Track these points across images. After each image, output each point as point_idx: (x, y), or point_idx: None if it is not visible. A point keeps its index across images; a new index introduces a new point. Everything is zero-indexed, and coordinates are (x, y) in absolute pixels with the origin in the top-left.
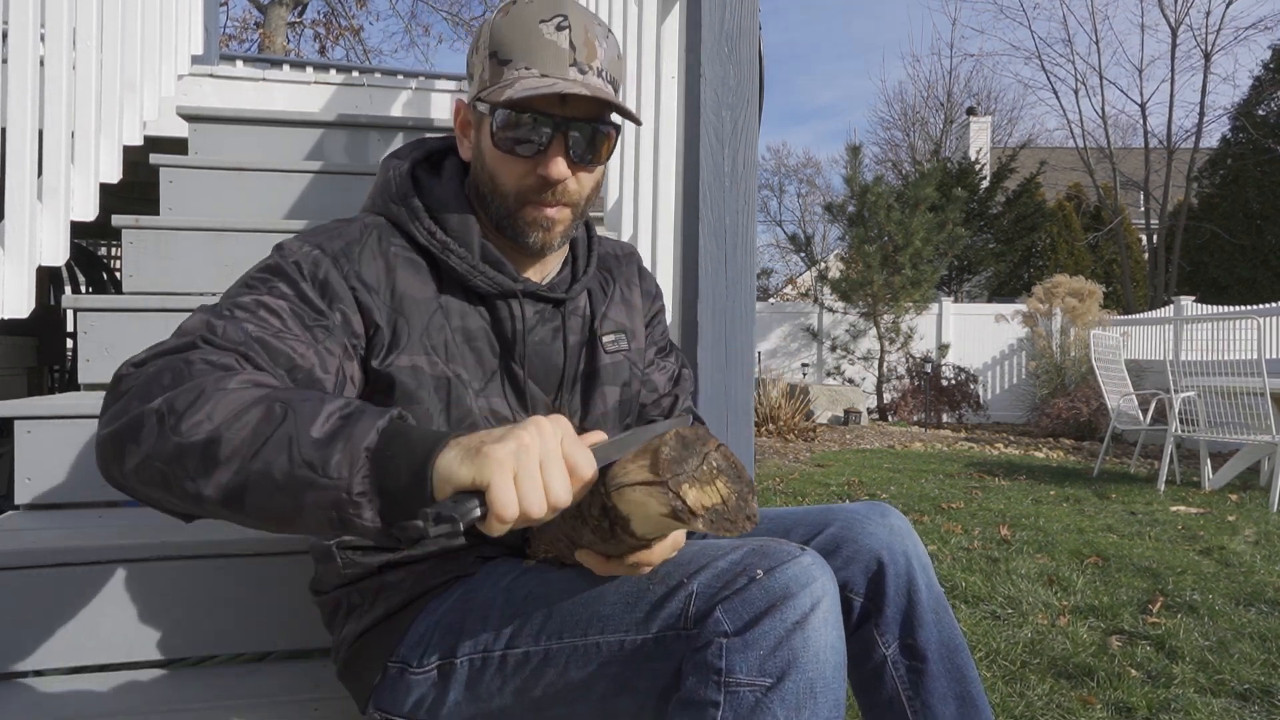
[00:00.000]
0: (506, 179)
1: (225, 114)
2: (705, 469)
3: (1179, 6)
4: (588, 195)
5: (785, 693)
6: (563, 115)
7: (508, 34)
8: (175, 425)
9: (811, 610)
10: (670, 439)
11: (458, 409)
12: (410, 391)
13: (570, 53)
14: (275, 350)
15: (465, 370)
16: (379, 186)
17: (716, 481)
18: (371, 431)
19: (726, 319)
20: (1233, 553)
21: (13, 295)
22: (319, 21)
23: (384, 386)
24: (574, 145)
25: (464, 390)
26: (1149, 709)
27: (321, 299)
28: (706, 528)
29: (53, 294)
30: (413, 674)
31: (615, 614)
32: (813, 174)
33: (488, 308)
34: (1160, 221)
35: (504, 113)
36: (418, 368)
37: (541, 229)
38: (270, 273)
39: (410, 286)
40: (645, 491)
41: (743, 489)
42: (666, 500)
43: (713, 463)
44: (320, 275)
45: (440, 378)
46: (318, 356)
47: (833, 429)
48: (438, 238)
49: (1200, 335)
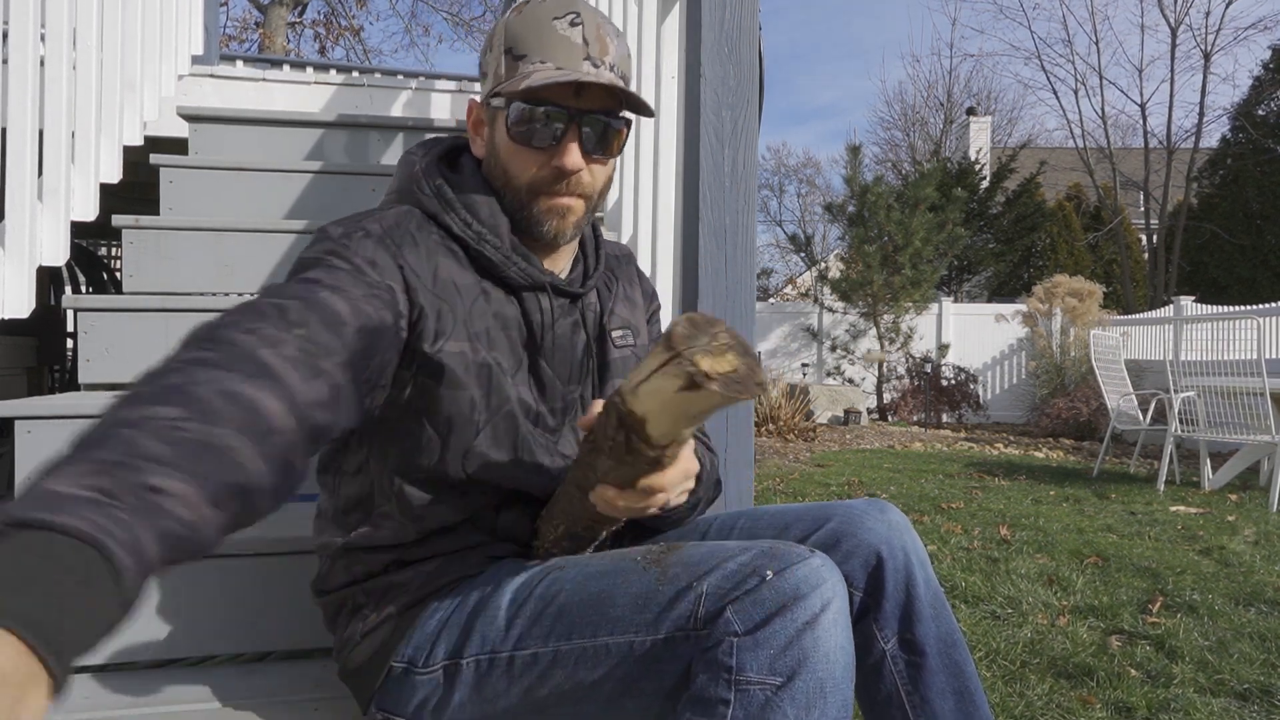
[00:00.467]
0: (520, 172)
1: (225, 114)
2: (716, 344)
3: (1179, 6)
4: (600, 188)
5: (795, 692)
6: (577, 107)
7: (522, 31)
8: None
9: (822, 611)
10: (682, 320)
11: (497, 395)
12: (458, 378)
13: (584, 47)
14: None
15: (503, 358)
16: (404, 180)
17: (728, 354)
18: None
19: (727, 319)
20: (1232, 553)
21: (13, 295)
22: (319, 21)
23: (433, 372)
24: (587, 137)
25: (503, 377)
26: (1149, 709)
27: (373, 272)
28: (721, 390)
29: (53, 294)
30: (418, 674)
31: (625, 615)
32: (813, 174)
33: (517, 299)
34: (1160, 221)
35: (519, 106)
36: (463, 353)
37: (557, 217)
38: (323, 251)
39: (452, 273)
40: (661, 375)
41: (751, 362)
42: (682, 370)
43: (722, 339)
44: (368, 254)
45: (482, 364)
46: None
47: (833, 429)
48: (473, 228)
49: (1200, 335)
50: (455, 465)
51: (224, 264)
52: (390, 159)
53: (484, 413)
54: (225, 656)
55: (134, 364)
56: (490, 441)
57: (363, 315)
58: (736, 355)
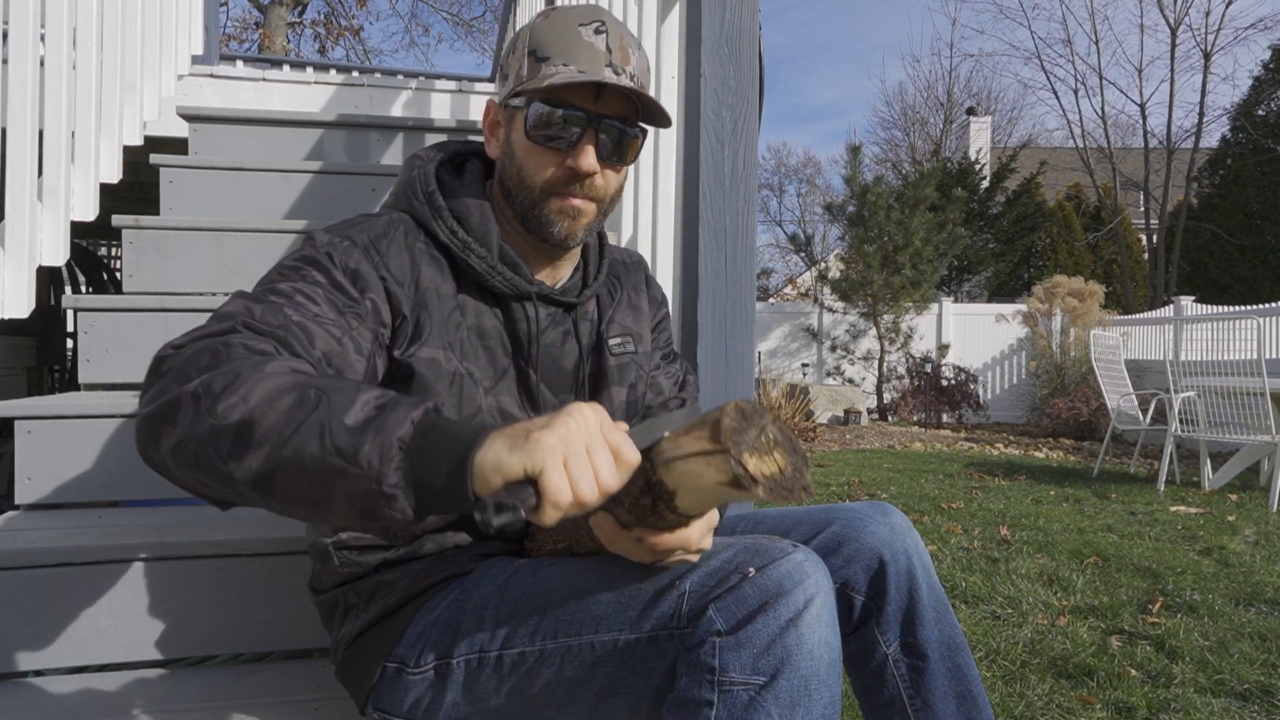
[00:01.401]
0: (535, 172)
1: (225, 114)
2: (764, 440)
3: (1178, 7)
4: (612, 195)
5: (779, 691)
6: (596, 111)
7: (548, 34)
8: (210, 407)
9: (805, 607)
10: (730, 410)
11: (468, 406)
12: (428, 384)
13: (606, 54)
14: (312, 334)
15: (477, 369)
16: (403, 184)
17: (775, 452)
18: (405, 423)
19: (727, 319)
20: (1232, 553)
21: (13, 295)
22: (319, 21)
23: (403, 376)
24: (604, 143)
25: (474, 388)
26: (1149, 709)
27: (353, 286)
28: (766, 495)
29: (53, 294)
30: (410, 674)
31: (609, 613)
32: (813, 174)
33: (502, 309)
34: (1160, 221)
35: (539, 108)
36: (436, 361)
37: (568, 218)
38: (304, 261)
39: (433, 282)
40: (702, 462)
41: (798, 461)
42: (728, 468)
43: (770, 434)
44: (352, 265)
45: (454, 374)
46: (352, 342)
47: (833, 429)
48: (459, 236)
49: (1200, 335)
50: None
51: (224, 264)
52: (390, 159)
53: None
54: (225, 656)
55: (134, 364)
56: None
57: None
58: (784, 454)
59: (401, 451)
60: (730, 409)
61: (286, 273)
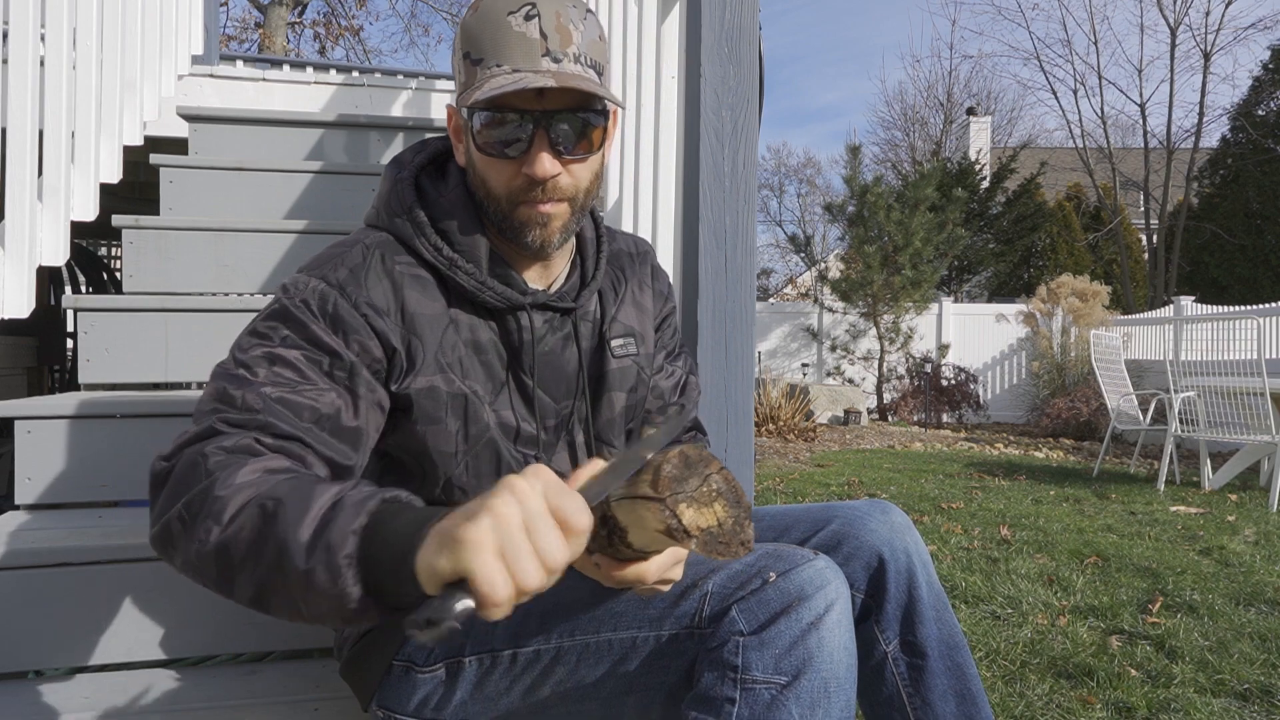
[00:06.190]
0: (496, 182)
1: (225, 114)
2: (705, 490)
3: (1178, 7)
4: (585, 188)
5: (800, 691)
6: (542, 109)
7: (477, 31)
8: (193, 532)
9: (826, 612)
10: (674, 457)
11: (475, 425)
12: (428, 412)
13: (541, 42)
14: (297, 405)
15: (479, 384)
16: (382, 198)
17: (715, 504)
18: (349, 539)
19: (726, 319)
20: (1232, 553)
21: (13, 295)
22: (319, 21)
23: (402, 408)
24: (560, 138)
25: (480, 405)
26: (1149, 709)
27: (334, 335)
28: (699, 549)
29: (53, 294)
30: (419, 672)
31: (628, 611)
32: (813, 174)
33: (497, 320)
34: (1160, 221)
35: (483, 115)
36: (434, 388)
37: (538, 226)
38: (278, 319)
39: (420, 305)
40: (644, 506)
41: (740, 514)
42: (663, 518)
43: (713, 484)
44: (329, 310)
45: (457, 395)
46: (341, 400)
47: (833, 429)
48: (444, 254)
49: (1200, 335)
50: (434, 493)
51: (224, 264)
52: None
53: (463, 444)
54: (225, 656)
55: (134, 364)
56: (470, 472)
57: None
58: (724, 506)
59: (352, 567)
60: (674, 456)
61: (263, 335)
